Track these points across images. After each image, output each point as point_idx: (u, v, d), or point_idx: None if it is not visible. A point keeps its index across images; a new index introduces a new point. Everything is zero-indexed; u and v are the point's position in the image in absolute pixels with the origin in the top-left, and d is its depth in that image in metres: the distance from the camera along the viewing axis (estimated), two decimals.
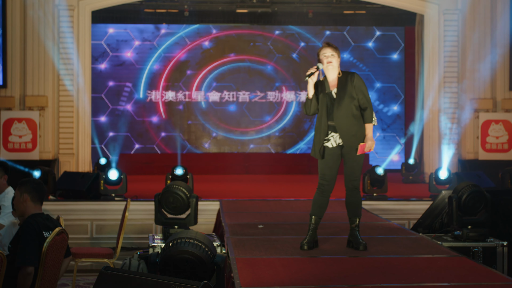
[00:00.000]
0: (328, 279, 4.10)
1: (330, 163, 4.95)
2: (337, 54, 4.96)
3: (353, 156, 4.93)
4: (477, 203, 6.01)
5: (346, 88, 4.91)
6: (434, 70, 12.45)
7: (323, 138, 4.94)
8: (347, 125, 4.88)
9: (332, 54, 4.93)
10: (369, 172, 9.24)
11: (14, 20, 11.35)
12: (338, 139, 4.94)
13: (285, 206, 7.96)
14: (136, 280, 2.96)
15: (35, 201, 4.44)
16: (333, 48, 4.96)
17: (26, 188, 4.44)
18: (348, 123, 4.89)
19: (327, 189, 4.99)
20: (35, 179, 4.65)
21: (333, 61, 4.93)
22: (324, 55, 4.95)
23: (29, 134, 11.30)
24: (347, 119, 4.88)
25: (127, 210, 6.55)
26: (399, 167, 13.91)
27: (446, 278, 4.12)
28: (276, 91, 15.92)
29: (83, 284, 6.83)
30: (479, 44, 11.96)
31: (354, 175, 4.99)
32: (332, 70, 4.95)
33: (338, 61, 4.97)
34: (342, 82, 4.95)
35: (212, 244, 3.88)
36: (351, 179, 4.99)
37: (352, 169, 4.97)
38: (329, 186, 4.99)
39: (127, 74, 15.64)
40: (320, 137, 4.94)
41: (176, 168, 9.52)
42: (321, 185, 4.99)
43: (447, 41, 12.32)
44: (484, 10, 11.97)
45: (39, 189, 4.49)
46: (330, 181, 4.98)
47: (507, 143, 11.79)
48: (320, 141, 4.93)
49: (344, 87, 4.92)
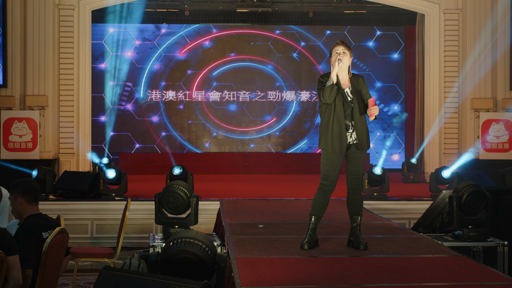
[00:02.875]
0: (328, 278, 4.10)
1: (336, 163, 4.96)
2: (349, 53, 5.00)
3: (359, 154, 4.96)
4: (478, 202, 6.00)
5: (358, 89, 4.98)
6: (435, 69, 12.45)
7: (345, 133, 4.92)
8: (360, 125, 4.94)
9: (344, 52, 4.96)
10: (367, 172, 9.23)
11: (15, 20, 11.35)
12: (349, 137, 4.96)
13: (285, 206, 7.95)
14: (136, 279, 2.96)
15: (30, 202, 4.39)
16: (346, 46, 5.00)
17: (19, 191, 4.39)
18: (362, 123, 4.95)
19: (329, 189, 4.99)
20: (26, 180, 4.52)
21: (344, 59, 4.95)
22: (336, 51, 4.97)
23: (30, 133, 11.30)
24: (361, 120, 4.95)
25: (127, 210, 6.55)
26: (399, 167, 13.93)
27: (446, 278, 4.12)
28: (276, 90, 15.91)
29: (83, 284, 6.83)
30: (480, 43, 11.96)
31: (358, 173, 5.01)
32: (342, 69, 4.97)
33: (349, 61, 5.00)
34: (353, 83, 5.00)
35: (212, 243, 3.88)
36: (355, 177, 5.01)
37: (356, 167, 5.00)
38: (331, 186, 4.99)
39: (128, 74, 15.64)
40: (340, 131, 4.91)
41: (174, 168, 9.51)
42: (323, 185, 4.99)
43: (448, 40, 12.32)
44: (484, 10, 11.97)
45: (31, 189, 4.42)
46: (332, 181, 4.99)
47: (507, 142, 11.79)
48: (340, 136, 4.91)
49: (357, 88, 4.98)
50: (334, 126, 4.93)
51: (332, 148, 4.93)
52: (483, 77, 11.97)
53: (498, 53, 11.88)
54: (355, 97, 4.94)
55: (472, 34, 12.02)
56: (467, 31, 12.07)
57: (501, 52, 11.87)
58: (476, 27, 12.00)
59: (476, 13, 12.01)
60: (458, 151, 12.18)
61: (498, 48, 11.87)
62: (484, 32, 11.94)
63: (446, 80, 12.32)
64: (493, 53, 11.90)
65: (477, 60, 11.97)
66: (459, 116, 12.26)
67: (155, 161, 15.00)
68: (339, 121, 4.92)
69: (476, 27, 12.00)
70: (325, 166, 4.97)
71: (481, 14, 11.98)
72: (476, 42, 11.98)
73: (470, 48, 12.01)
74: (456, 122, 12.26)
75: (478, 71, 11.97)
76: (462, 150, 12.08)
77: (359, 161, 4.99)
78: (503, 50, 11.87)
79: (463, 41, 12.19)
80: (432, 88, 12.47)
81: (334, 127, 4.93)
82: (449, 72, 12.32)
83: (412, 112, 14.76)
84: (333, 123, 4.93)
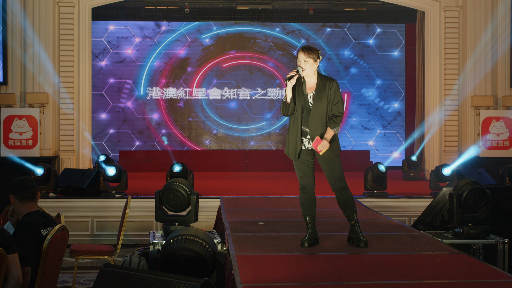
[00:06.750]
0: (328, 276, 4.10)
1: (305, 162, 4.98)
2: (312, 59, 4.90)
3: (326, 159, 4.93)
4: (478, 200, 6.01)
5: (322, 95, 4.89)
6: (435, 67, 12.44)
7: (299, 140, 4.93)
8: (320, 132, 4.88)
9: (305, 60, 4.90)
10: (371, 169, 9.21)
11: (15, 17, 11.34)
12: (307, 143, 4.97)
13: (285, 203, 7.96)
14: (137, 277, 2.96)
15: (21, 200, 4.34)
16: (307, 54, 4.90)
17: (12, 191, 4.37)
18: (322, 131, 4.88)
19: (309, 188, 5.02)
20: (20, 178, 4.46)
21: (306, 67, 4.90)
22: (297, 59, 4.94)
23: (30, 131, 11.30)
24: (321, 127, 4.88)
25: (127, 207, 6.55)
26: (399, 164, 13.93)
27: (446, 275, 4.12)
28: (276, 88, 15.91)
29: (83, 281, 6.83)
30: (480, 41, 11.95)
31: (336, 175, 4.98)
32: (306, 76, 4.93)
33: (314, 66, 4.92)
34: (319, 87, 4.93)
35: (212, 241, 3.88)
36: (334, 180, 4.99)
37: (330, 170, 4.98)
38: (309, 184, 5.01)
39: (128, 71, 15.65)
40: (296, 138, 4.94)
41: (174, 166, 9.51)
42: (302, 187, 5.03)
43: (448, 38, 12.31)
44: (484, 7, 11.96)
45: (22, 187, 4.36)
46: (309, 179, 5.01)
47: (507, 140, 11.79)
48: (295, 143, 4.93)
49: (321, 93, 4.90)
50: (291, 131, 4.97)
51: (289, 152, 5.00)
52: (484, 74, 11.97)
53: (499, 50, 11.87)
54: (316, 103, 4.88)
55: (472, 31, 12.01)
56: (467, 29, 12.06)
57: (501, 49, 11.86)
58: (477, 25, 11.98)
59: (476, 11, 12.00)
60: (459, 149, 12.18)
61: (499, 46, 11.86)
62: (485, 29, 11.93)
63: (446, 78, 12.31)
64: (494, 50, 11.89)
65: (478, 58, 11.96)
66: (460, 114, 12.25)
67: (155, 159, 15.00)
68: (297, 127, 4.93)
69: (477, 25, 11.98)
70: (297, 165, 5.03)
71: (482, 11, 11.97)
72: (477, 39, 11.97)
73: (470, 46, 12.00)
74: (457, 119, 12.25)
75: (479, 68, 11.96)
76: (462, 148, 12.08)
77: (332, 163, 4.95)
78: (504, 47, 11.86)
79: (464, 39, 12.18)
80: (433, 85, 12.47)
81: (291, 132, 4.98)
82: (450, 70, 12.31)
83: (412, 109, 14.75)
84: (291, 128, 4.97)
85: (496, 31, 11.88)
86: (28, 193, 4.37)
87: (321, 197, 5.29)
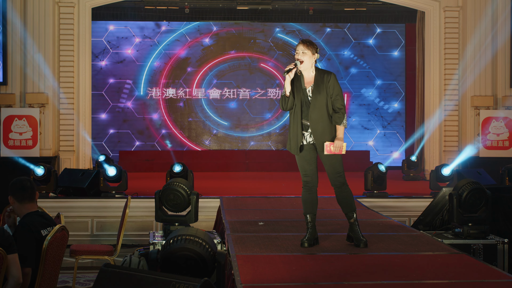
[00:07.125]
0: (328, 276, 4.10)
1: (308, 157, 4.97)
2: (310, 51, 4.92)
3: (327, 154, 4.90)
4: (478, 200, 6.01)
5: (321, 88, 4.89)
6: (435, 67, 12.44)
7: (300, 133, 4.93)
8: (321, 125, 4.88)
9: (303, 52, 4.91)
10: (371, 170, 9.21)
11: (15, 17, 11.34)
12: (309, 137, 4.95)
13: (285, 203, 7.96)
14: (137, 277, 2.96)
15: (21, 201, 4.33)
16: (306, 46, 4.92)
17: (11, 192, 4.36)
18: (322, 123, 4.88)
19: (312, 184, 5.01)
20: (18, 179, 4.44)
21: (304, 59, 4.90)
22: (296, 52, 4.94)
23: (30, 131, 11.30)
24: (321, 120, 4.88)
25: (127, 207, 6.55)
26: (399, 164, 13.92)
27: (446, 275, 4.12)
28: (276, 88, 15.91)
29: (83, 281, 6.83)
30: (480, 41, 11.95)
31: (336, 171, 4.97)
32: (303, 69, 4.93)
33: (312, 59, 4.94)
34: (317, 81, 4.93)
35: (212, 241, 3.88)
36: (334, 175, 4.98)
37: (331, 166, 4.96)
38: (312, 181, 5.00)
39: (128, 71, 15.65)
40: (297, 132, 4.93)
41: (174, 166, 9.51)
42: (306, 182, 5.02)
43: (448, 38, 12.31)
44: (484, 7, 11.95)
45: (21, 188, 4.35)
46: (312, 175, 5.00)
47: (507, 140, 11.78)
48: (297, 137, 4.92)
49: (320, 86, 4.90)
50: (292, 126, 4.97)
51: (291, 148, 4.99)
52: (483, 74, 11.97)
53: (498, 50, 11.87)
54: (316, 96, 4.89)
55: (472, 31, 12.01)
56: (467, 29, 12.06)
57: (501, 49, 11.86)
58: (476, 25, 11.98)
59: (476, 11, 12.00)
60: (458, 149, 12.18)
61: (498, 46, 11.86)
62: (484, 29, 11.93)
63: (446, 78, 12.32)
64: (493, 50, 11.89)
65: (478, 58, 11.96)
66: (459, 114, 12.25)
67: (155, 159, 15.00)
68: (297, 121, 4.93)
69: (476, 25, 11.98)
70: (300, 161, 5.01)
71: (481, 11, 11.97)
72: (476, 39, 11.97)
73: (470, 46, 12.00)
74: (456, 119, 12.25)
75: (478, 68, 11.96)
76: (462, 148, 12.08)
77: (333, 158, 4.92)
78: (503, 47, 11.86)
79: (463, 39, 12.18)
80: (432, 85, 12.47)
81: (292, 127, 4.97)
82: (449, 70, 12.31)
83: (412, 109, 14.75)
84: (292, 123, 4.98)
85: (496, 31, 11.88)
86: (27, 194, 4.36)
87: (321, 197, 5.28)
